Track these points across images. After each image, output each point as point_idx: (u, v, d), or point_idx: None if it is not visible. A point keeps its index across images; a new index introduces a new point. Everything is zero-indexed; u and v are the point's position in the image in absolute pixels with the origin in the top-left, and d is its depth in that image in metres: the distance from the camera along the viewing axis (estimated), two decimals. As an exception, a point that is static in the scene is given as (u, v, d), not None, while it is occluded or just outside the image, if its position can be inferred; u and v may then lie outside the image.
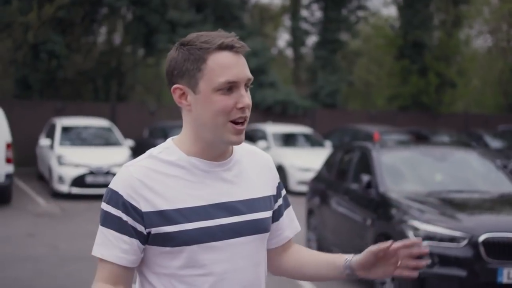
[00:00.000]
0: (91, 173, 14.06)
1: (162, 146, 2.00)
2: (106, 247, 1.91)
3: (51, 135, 15.67)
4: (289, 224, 2.22)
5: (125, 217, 1.89)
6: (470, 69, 29.41)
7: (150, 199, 1.90)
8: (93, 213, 12.28)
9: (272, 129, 18.39)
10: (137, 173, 1.91)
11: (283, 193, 2.21)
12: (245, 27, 23.86)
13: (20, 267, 8.15)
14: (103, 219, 1.92)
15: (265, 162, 2.16)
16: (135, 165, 1.94)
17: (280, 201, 2.18)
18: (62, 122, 16.00)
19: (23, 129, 19.21)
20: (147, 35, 22.76)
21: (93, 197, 13.92)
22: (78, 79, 23.12)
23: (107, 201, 1.92)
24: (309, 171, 14.84)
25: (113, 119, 20.63)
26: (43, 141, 15.59)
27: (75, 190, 14.00)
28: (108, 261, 1.91)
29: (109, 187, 1.94)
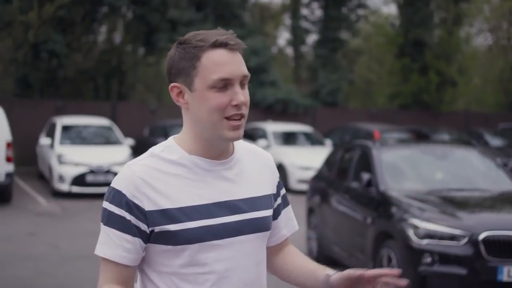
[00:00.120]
0: (92, 172, 14.07)
1: (163, 144, 2.00)
2: (109, 246, 1.90)
3: (51, 134, 15.67)
4: (286, 223, 2.22)
5: (128, 216, 1.89)
6: (470, 67, 29.40)
7: (153, 198, 1.89)
8: (93, 212, 12.29)
9: (272, 127, 18.38)
10: (140, 172, 1.91)
11: (282, 192, 2.21)
12: (245, 26, 23.86)
13: (20, 266, 8.16)
14: (106, 219, 1.92)
15: (266, 161, 2.16)
16: (138, 164, 1.94)
17: (279, 200, 2.18)
18: (62, 121, 16.00)
19: (23, 128, 19.21)
20: (147, 34, 22.76)
21: (94, 196, 13.92)
22: (78, 78, 23.10)
23: (110, 200, 1.91)
24: (310, 169, 14.84)
25: (113, 118, 20.63)
26: (44, 140, 15.60)
27: (76, 189, 14.01)
28: (111, 261, 1.91)
29: (111, 186, 1.93)
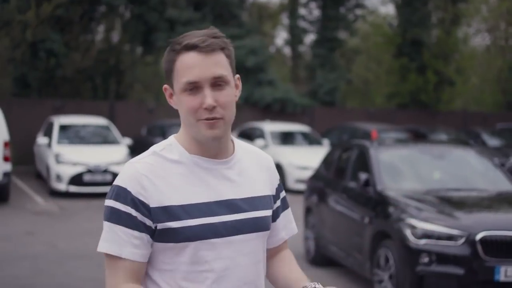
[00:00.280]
0: (89, 171, 14.06)
1: (164, 143, 2.03)
2: (118, 244, 1.91)
3: (49, 134, 15.66)
4: (285, 226, 2.23)
5: (134, 213, 1.90)
6: (468, 67, 29.44)
7: (156, 195, 1.92)
8: (91, 211, 12.28)
9: (270, 127, 18.38)
10: (143, 169, 1.93)
11: (282, 195, 2.23)
12: (243, 25, 23.86)
13: (19, 266, 8.16)
14: (112, 216, 1.92)
15: (266, 162, 2.18)
16: (140, 162, 1.96)
17: (278, 203, 2.20)
18: (60, 120, 15.98)
19: (21, 128, 19.19)
20: (145, 33, 22.76)
21: (91, 196, 13.92)
22: (76, 77, 23.08)
23: (114, 198, 1.93)
24: (307, 169, 14.84)
25: (111, 118, 20.62)
26: (41, 140, 15.58)
27: (73, 188, 14.00)
28: (121, 258, 1.91)
29: (115, 184, 1.95)
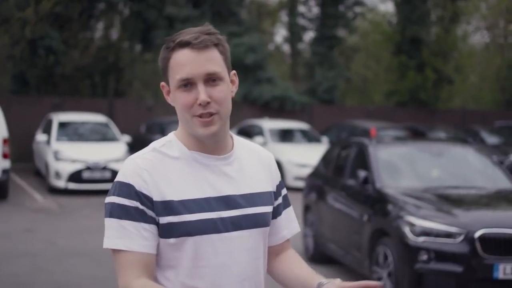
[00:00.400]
0: (88, 168, 14.06)
1: (164, 139, 2.05)
2: (128, 238, 1.92)
3: (48, 131, 15.65)
4: (287, 224, 2.23)
5: (141, 206, 1.92)
6: (467, 65, 29.43)
7: (156, 189, 1.93)
8: (90, 208, 12.28)
9: (269, 124, 18.38)
10: (144, 165, 1.95)
11: (283, 192, 2.23)
12: (242, 23, 23.84)
13: (18, 263, 8.16)
14: (118, 212, 1.93)
15: (266, 160, 2.18)
16: (141, 157, 1.98)
17: (279, 200, 2.20)
18: (59, 117, 15.98)
19: (20, 125, 19.17)
20: (144, 31, 22.73)
21: (90, 193, 13.93)
22: (75, 75, 23.05)
23: (118, 194, 1.94)
24: (306, 167, 14.85)
25: (110, 115, 20.60)
26: (40, 137, 15.58)
27: (72, 185, 14.00)
28: (132, 252, 1.91)
29: (117, 180, 1.96)
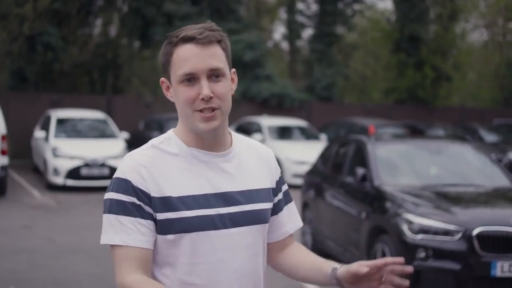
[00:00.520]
0: (86, 165, 14.05)
1: (163, 136, 2.05)
2: (125, 233, 1.92)
3: (46, 127, 15.64)
4: (288, 219, 2.23)
5: (137, 202, 1.93)
6: (466, 63, 29.44)
7: (154, 185, 1.94)
8: (88, 205, 12.28)
9: (267, 122, 18.39)
10: (142, 161, 1.96)
11: (284, 188, 2.23)
12: (241, 20, 23.83)
13: (15, 259, 8.16)
14: (116, 208, 1.94)
15: (266, 156, 2.18)
16: (139, 154, 1.99)
17: (280, 196, 2.20)
18: (57, 114, 15.96)
19: (18, 121, 19.16)
20: (143, 27, 22.71)
21: (88, 189, 13.92)
22: (74, 71, 23.03)
23: (116, 190, 1.95)
24: (304, 164, 14.84)
25: (109, 112, 20.58)
26: (38, 133, 15.57)
27: (70, 182, 13.99)
28: (129, 247, 1.92)
29: (115, 177, 1.97)
